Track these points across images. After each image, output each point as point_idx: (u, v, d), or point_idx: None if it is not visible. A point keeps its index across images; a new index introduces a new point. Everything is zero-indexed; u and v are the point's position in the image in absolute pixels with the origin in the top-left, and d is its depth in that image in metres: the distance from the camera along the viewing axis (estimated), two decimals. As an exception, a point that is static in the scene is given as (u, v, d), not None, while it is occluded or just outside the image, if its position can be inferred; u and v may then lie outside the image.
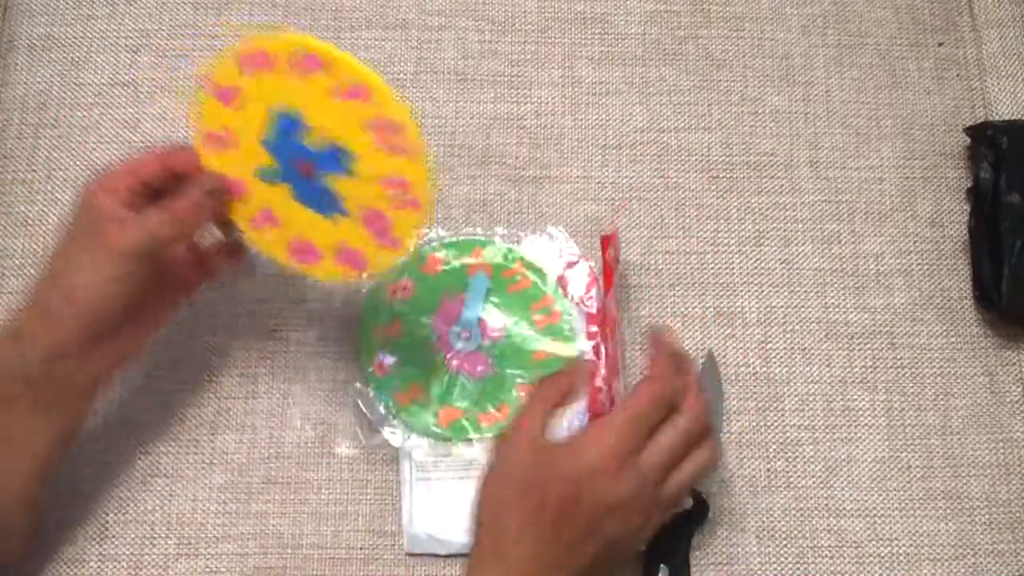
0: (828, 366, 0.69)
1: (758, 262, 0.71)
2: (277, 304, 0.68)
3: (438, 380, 0.66)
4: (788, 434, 0.67)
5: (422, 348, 0.66)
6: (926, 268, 0.72)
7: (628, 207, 0.72)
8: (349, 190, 0.55)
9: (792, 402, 0.68)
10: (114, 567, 0.63)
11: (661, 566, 0.62)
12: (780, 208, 0.73)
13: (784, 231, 0.72)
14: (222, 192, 0.58)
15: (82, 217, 0.56)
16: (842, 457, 0.67)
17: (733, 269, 0.71)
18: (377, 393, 0.65)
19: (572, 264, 0.68)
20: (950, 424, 0.68)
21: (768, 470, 0.66)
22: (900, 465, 0.67)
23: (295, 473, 0.65)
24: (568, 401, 0.56)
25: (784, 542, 0.65)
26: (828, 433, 0.67)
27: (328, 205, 0.56)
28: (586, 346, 0.66)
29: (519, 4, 0.77)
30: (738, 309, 0.70)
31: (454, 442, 0.64)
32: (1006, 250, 0.68)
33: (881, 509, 0.66)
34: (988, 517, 0.66)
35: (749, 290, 0.71)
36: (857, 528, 0.65)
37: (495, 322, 0.67)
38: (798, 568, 0.65)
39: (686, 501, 0.63)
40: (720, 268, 0.71)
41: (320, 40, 0.52)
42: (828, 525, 0.65)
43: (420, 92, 0.74)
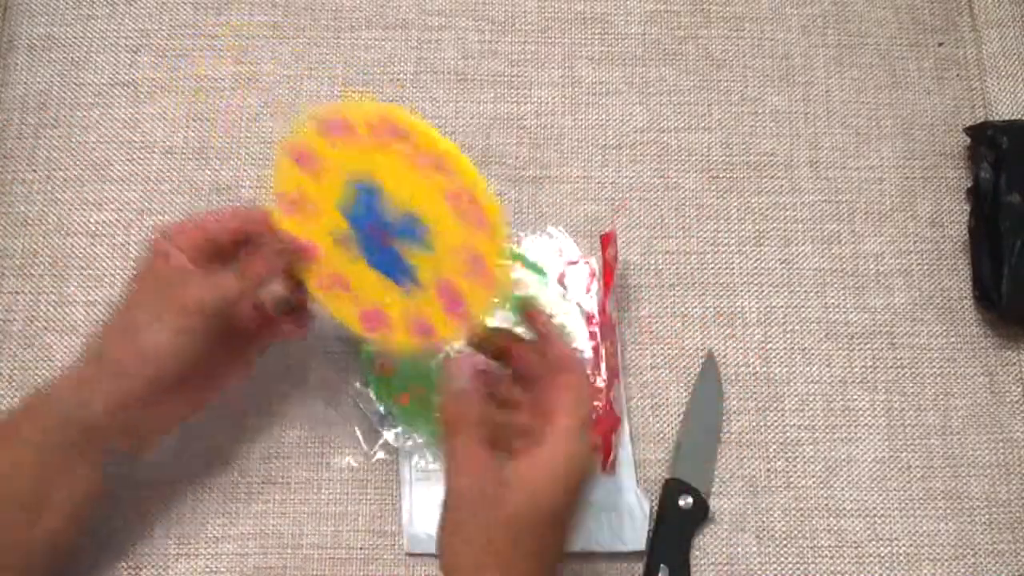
0: (828, 366, 0.69)
1: (758, 262, 0.71)
2: (277, 304, 0.68)
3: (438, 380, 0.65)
4: (788, 434, 0.67)
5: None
6: (926, 268, 0.72)
7: (628, 207, 0.72)
8: (424, 260, 0.55)
9: (792, 402, 0.68)
10: (113, 567, 0.63)
11: (661, 566, 0.62)
12: (780, 208, 0.73)
13: (784, 231, 0.72)
14: (294, 253, 0.57)
15: (152, 270, 0.56)
16: (842, 457, 0.67)
17: (733, 269, 0.71)
18: (377, 393, 0.65)
19: (572, 263, 0.68)
20: (950, 424, 0.68)
21: (768, 470, 0.67)
22: (900, 465, 0.67)
23: (295, 473, 0.65)
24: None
25: (784, 542, 0.65)
26: (828, 433, 0.67)
27: (402, 273, 0.55)
28: (586, 346, 0.66)
29: (519, 4, 0.77)
30: (738, 309, 0.70)
31: (454, 442, 0.64)
32: (1006, 250, 0.68)
33: (881, 509, 0.66)
34: (988, 517, 0.66)
35: (749, 290, 0.71)
36: (857, 528, 0.65)
37: (495, 322, 0.67)
38: (798, 568, 0.65)
39: (686, 501, 0.64)
40: (720, 268, 0.71)
41: (403, 110, 0.53)
42: (828, 525, 0.65)
43: (420, 92, 0.74)
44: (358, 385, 0.66)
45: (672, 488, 0.64)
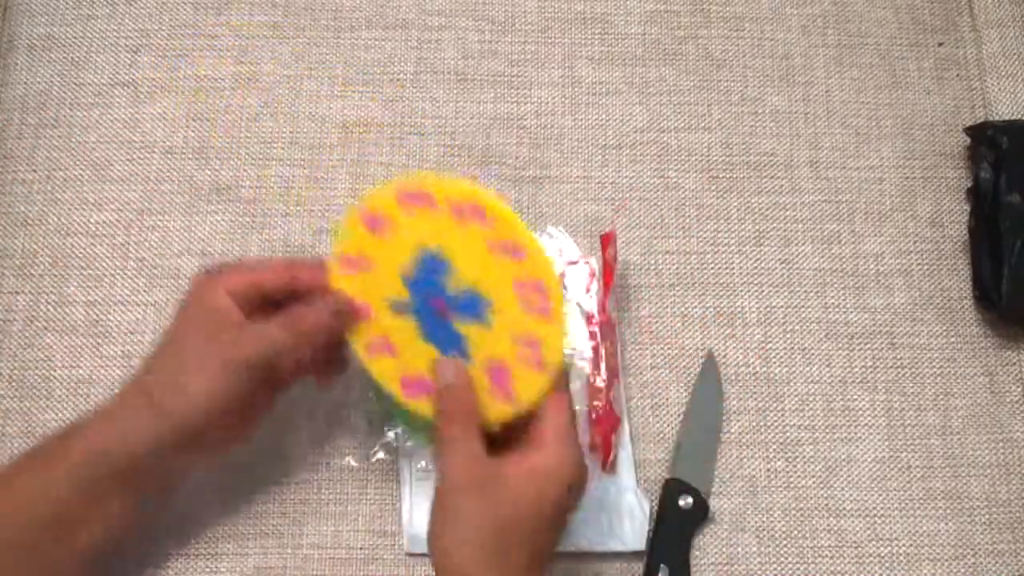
0: (828, 366, 0.69)
1: (758, 262, 0.71)
2: (277, 304, 0.68)
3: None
4: (788, 434, 0.67)
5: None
6: (926, 268, 0.72)
7: (628, 207, 0.72)
8: (479, 338, 0.55)
9: (792, 402, 0.68)
10: (114, 567, 0.62)
11: (661, 566, 0.62)
12: (780, 208, 0.73)
13: (784, 231, 0.72)
14: (348, 315, 0.57)
15: (198, 313, 0.56)
16: (842, 457, 0.67)
17: (733, 269, 0.71)
18: (377, 393, 0.65)
19: (572, 263, 0.68)
20: (950, 424, 0.68)
21: (768, 470, 0.67)
22: (900, 465, 0.67)
23: (295, 473, 0.65)
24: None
25: (784, 542, 0.65)
26: (828, 433, 0.67)
27: (453, 347, 0.55)
28: (586, 346, 0.66)
29: (519, 4, 0.77)
30: (738, 309, 0.70)
31: (454, 442, 0.64)
32: (1006, 250, 0.68)
33: (881, 509, 0.66)
34: (988, 517, 0.66)
35: (749, 290, 0.71)
36: (857, 528, 0.66)
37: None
38: (798, 568, 0.65)
39: (686, 501, 0.64)
40: (720, 268, 0.71)
41: (487, 191, 0.54)
42: (828, 525, 0.65)
43: (420, 92, 0.74)
44: (360, 387, 0.66)
45: (672, 488, 0.64)
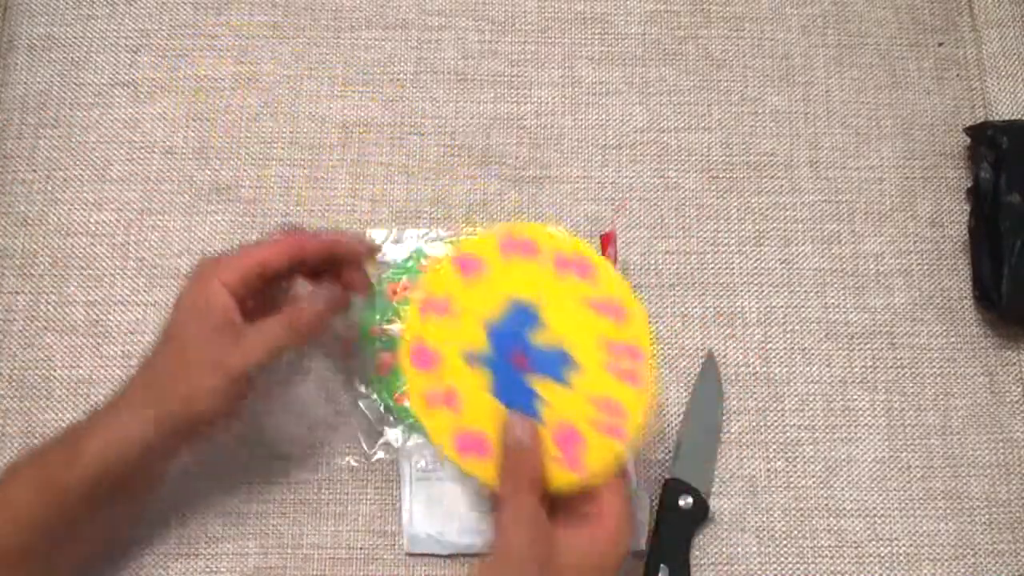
0: (828, 366, 0.69)
1: (758, 262, 0.71)
2: (277, 304, 0.68)
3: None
4: (788, 434, 0.67)
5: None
6: (926, 268, 0.72)
7: (628, 207, 0.72)
8: (556, 399, 0.52)
9: (792, 402, 0.68)
10: (113, 566, 0.63)
11: (661, 566, 0.62)
12: (780, 208, 0.73)
13: (784, 231, 0.72)
14: (344, 296, 0.58)
15: (195, 313, 0.56)
16: (842, 457, 0.67)
17: (733, 269, 0.71)
18: (377, 393, 0.65)
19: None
20: (950, 424, 0.68)
21: (768, 470, 0.67)
22: (900, 465, 0.67)
23: (295, 473, 0.65)
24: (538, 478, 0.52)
25: (784, 542, 0.65)
26: (828, 433, 0.67)
27: (524, 406, 0.52)
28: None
29: (519, 4, 0.77)
30: (738, 309, 0.70)
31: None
32: (1006, 250, 0.68)
33: (881, 509, 0.66)
34: (988, 517, 0.66)
35: (749, 290, 0.71)
36: (857, 528, 0.66)
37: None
38: (798, 568, 0.65)
39: (686, 501, 0.64)
40: (720, 268, 0.71)
41: (594, 248, 0.51)
42: (828, 525, 0.65)
43: (420, 92, 0.74)
44: (359, 385, 0.66)
45: (672, 488, 0.64)
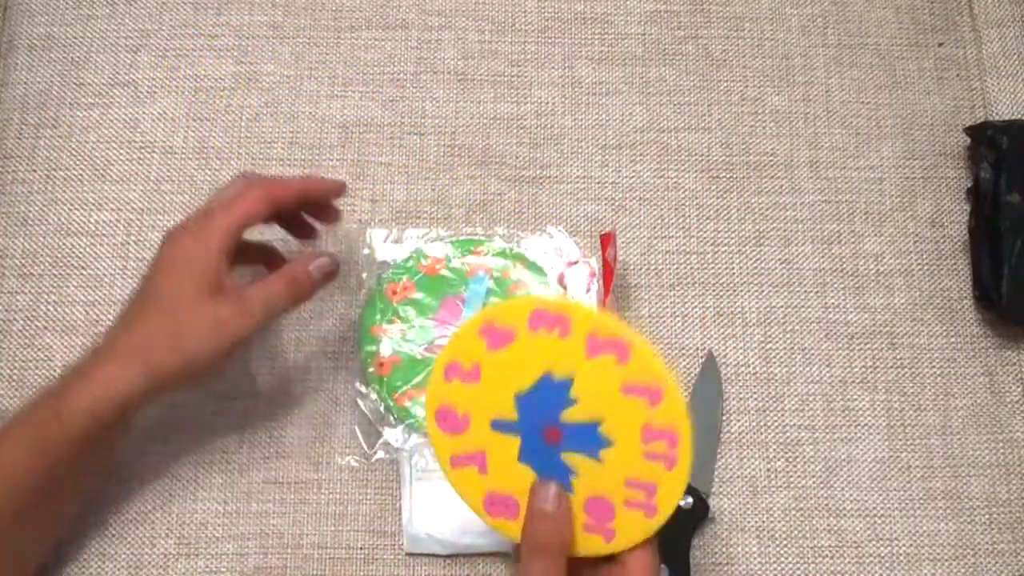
0: (828, 366, 0.69)
1: (758, 262, 0.71)
2: (277, 304, 0.68)
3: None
4: (788, 434, 0.67)
5: (422, 348, 0.66)
6: (926, 268, 0.72)
7: (628, 207, 0.72)
8: (587, 471, 0.50)
9: (792, 402, 0.68)
10: (114, 566, 0.63)
11: (661, 566, 0.62)
12: (780, 208, 0.73)
13: (784, 231, 0.72)
14: (338, 266, 0.61)
15: (188, 272, 0.56)
16: (842, 457, 0.67)
17: (733, 269, 0.71)
18: (377, 393, 0.65)
19: (572, 263, 0.68)
20: (950, 424, 0.68)
21: (768, 470, 0.67)
22: (900, 465, 0.67)
23: (295, 473, 0.65)
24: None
25: (784, 542, 0.65)
26: (828, 433, 0.67)
27: (555, 475, 0.51)
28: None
29: (519, 4, 0.77)
30: (738, 309, 0.70)
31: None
32: (1006, 250, 0.68)
33: (881, 509, 0.66)
34: (988, 517, 0.66)
35: (749, 290, 0.71)
36: (857, 528, 0.66)
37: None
38: (798, 568, 0.65)
39: (686, 501, 0.64)
40: (720, 268, 0.71)
41: (634, 330, 0.48)
42: (828, 525, 0.65)
43: (420, 92, 0.74)
44: (358, 385, 0.66)
45: (672, 488, 0.64)
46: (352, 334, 0.68)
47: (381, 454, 0.65)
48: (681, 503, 0.63)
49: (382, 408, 0.65)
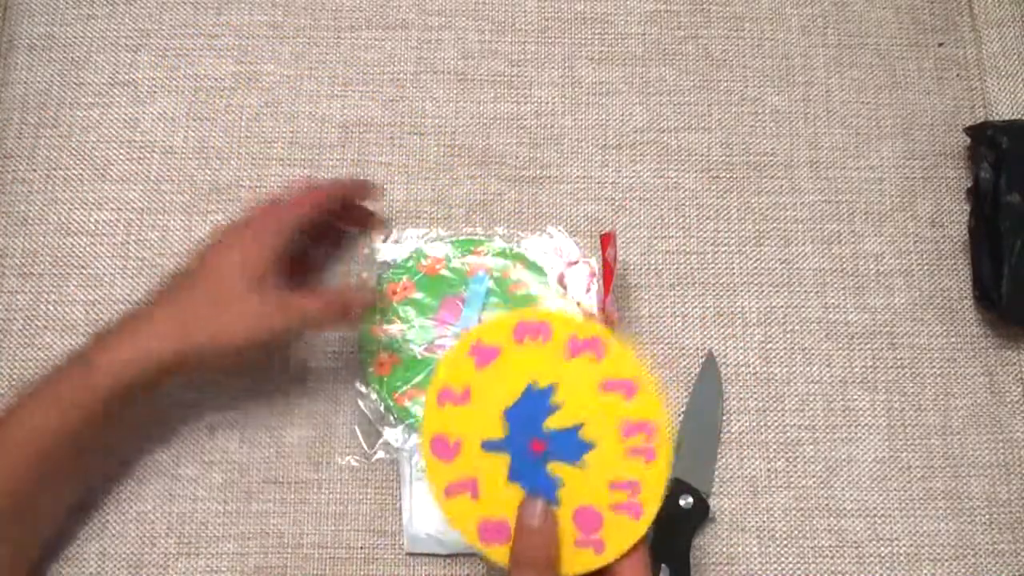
0: (828, 366, 0.69)
1: (758, 262, 0.71)
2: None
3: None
4: (788, 434, 0.67)
5: (422, 348, 0.66)
6: (926, 268, 0.72)
7: (628, 207, 0.72)
8: (572, 480, 0.51)
9: (792, 402, 0.68)
10: (114, 566, 0.63)
11: (662, 566, 0.62)
12: (780, 208, 0.73)
13: (784, 231, 0.72)
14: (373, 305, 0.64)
15: (246, 266, 0.58)
16: (842, 457, 0.67)
17: (733, 269, 0.71)
18: (377, 393, 0.65)
19: (572, 263, 0.68)
20: (950, 424, 0.68)
21: (768, 470, 0.67)
22: (900, 465, 0.67)
23: (295, 473, 0.65)
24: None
25: (784, 542, 0.65)
26: (828, 433, 0.67)
27: (543, 490, 0.52)
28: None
29: (519, 4, 0.77)
30: (738, 309, 0.70)
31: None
32: (1006, 250, 0.68)
33: (881, 509, 0.66)
34: (988, 517, 0.66)
35: (749, 290, 0.71)
36: (857, 528, 0.66)
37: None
38: (799, 568, 0.65)
39: (686, 501, 0.64)
40: (720, 268, 0.71)
41: (609, 328, 0.50)
42: (828, 525, 0.65)
43: (420, 92, 0.74)
44: (358, 385, 0.66)
45: (672, 488, 0.64)
46: (352, 334, 0.68)
47: (381, 454, 0.65)
48: (681, 503, 0.64)
49: (382, 408, 0.65)
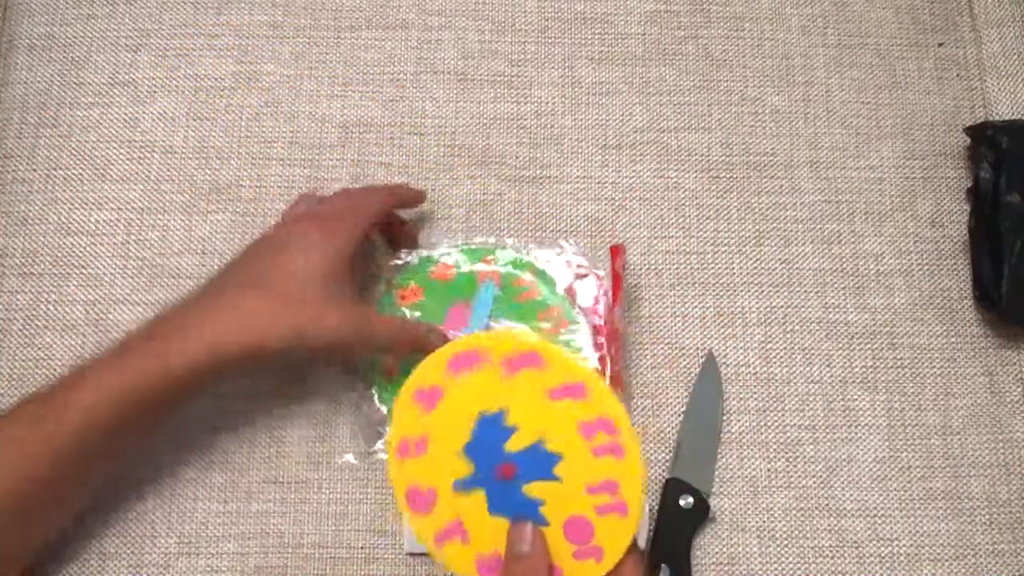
0: (828, 366, 0.69)
1: (758, 262, 0.71)
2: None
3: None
4: (788, 434, 0.67)
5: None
6: (926, 268, 0.72)
7: (628, 207, 0.72)
8: (551, 496, 0.51)
9: (792, 402, 0.68)
10: (115, 565, 0.63)
11: (662, 566, 0.62)
12: (780, 208, 0.73)
13: (784, 231, 0.72)
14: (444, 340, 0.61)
15: (326, 264, 0.58)
16: (842, 457, 0.67)
17: (733, 269, 0.71)
18: (379, 395, 0.65)
19: (582, 275, 0.68)
20: (950, 424, 0.68)
21: (768, 470, 0.67)
22: (900, 465, 0.67)
23: (296, 472, 0.65)
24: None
25: (785, 542, 0.65)
26: (828, 433, 0.67)
27: (527, 514, 0.51)
28: (592, 357, 0.65)
29: (519, 4, 0.77)
30: (738, 309, 0.70)
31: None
32: (1006, 250, 0.68)
33: (882, 509, 0.66)
34: (988, 517, 0.66)
35: (749, 290, 0.71)
36: (858, 528, 0.66)
37: (503, 328, 0.66)
38: (799, 568, 0.65)
39: (686, 501, 0.64)
40: (720, 268, 0.71)
41: (536, 337, 0.51)
42: (829, 525, 0.65)
43: (420, 92, 0.74)
44: (360, 386, 0.66)
45: (672, 488, 0.64)
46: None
47: (381, 454, 0.65)
48: (681, 503, 0.64)
49: (384, 411, 0.65)
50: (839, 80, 0.76)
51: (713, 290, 0.71)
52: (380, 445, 0.65)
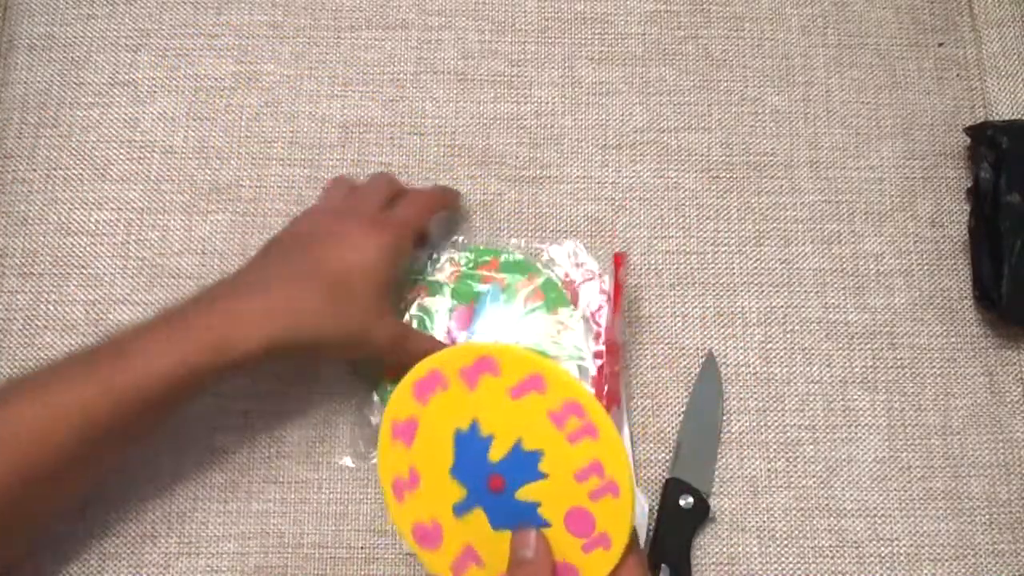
0: (828, 366, 0.69)
1: (758, 262, 0.71)
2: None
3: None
4: (788, 434, 0.67)
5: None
6: (926, 268, 0.72)
7: (628, 207, 0.72)
8: (545, 495, 0.50)
9: (792, 402, 0.68)
10: (115, 565, 0.63)
11: (662, 566, 0.62)
12: (780, 208, 0.73)
13: (784, 231, 0.72)
14: None
15: (379, 269, 0.59)
16: (842, 457, 0.67)
17: (733, 269, 0.71)
18: (380, 395, 0.65)
19: (587, 280, 0.68)
20: (950, 424, 0.68)
21: (768, 470, 0.67)
22: (900, 465, 0.67)
23: (296, 472, 0.65)
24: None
25: (785, 542, 0.65)
26: (828, 433, 0.67)
27: (528, 520, 0.51)
28: (591, 364, 0.65)
29: (519, 4, 0.77)
30: (738, 309, 0.70)
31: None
32: (1006, 250, 0.68)
33: (882, 509, 0.66)
34: (988, 517, 0.66)
35: (749, 290, 0.71)
36: (858, 528, 0.66)
37: (505, 333, 0.66)
38: (799, 568, 0.65)
39: (686, 501, 0.64)
40: (720, 268, 0.71)
41: (485, 341, 0.50)
42: (829, 525, 0.66)
43: (420, 92, 0.74)
44: (360, 386, 0.66)
45: (672, 488, 0.64)
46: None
47: (381, 454, 0.65)
48: (681, 503, 0.64)
49: (385, 409, 0.65)
50: (839, 80, 0.76)
51: (713, 290, 0.71)
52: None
